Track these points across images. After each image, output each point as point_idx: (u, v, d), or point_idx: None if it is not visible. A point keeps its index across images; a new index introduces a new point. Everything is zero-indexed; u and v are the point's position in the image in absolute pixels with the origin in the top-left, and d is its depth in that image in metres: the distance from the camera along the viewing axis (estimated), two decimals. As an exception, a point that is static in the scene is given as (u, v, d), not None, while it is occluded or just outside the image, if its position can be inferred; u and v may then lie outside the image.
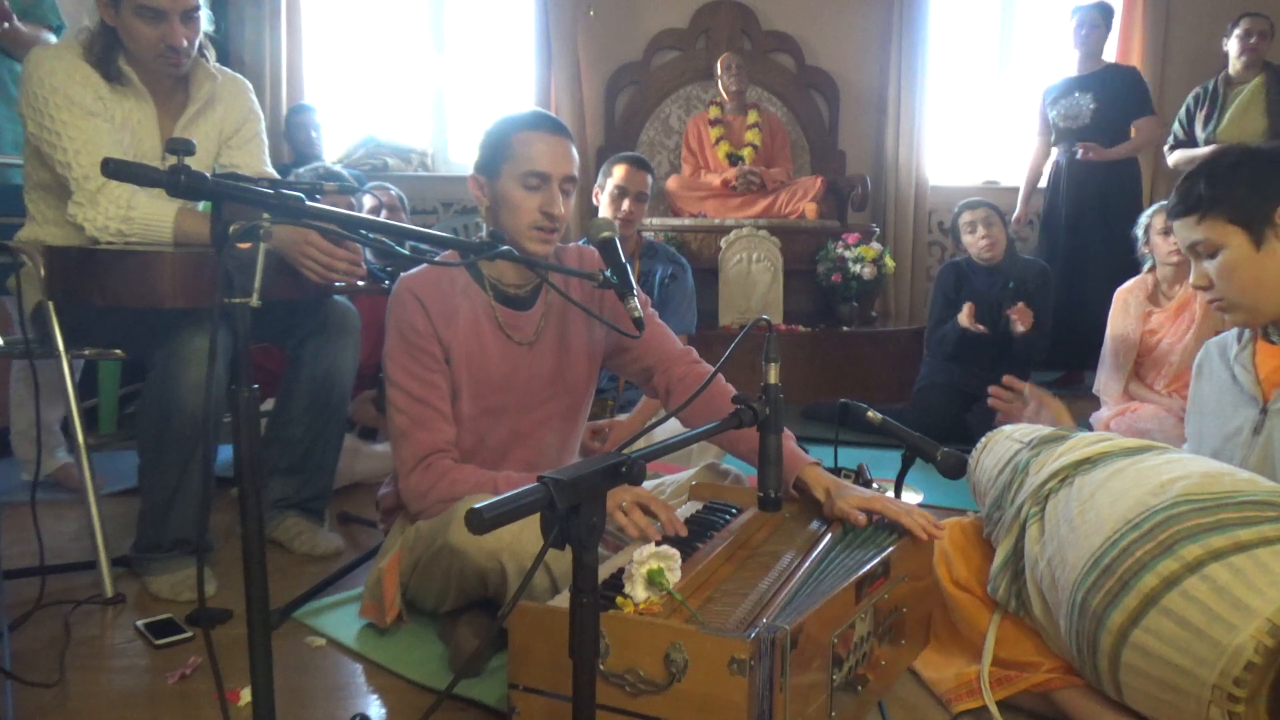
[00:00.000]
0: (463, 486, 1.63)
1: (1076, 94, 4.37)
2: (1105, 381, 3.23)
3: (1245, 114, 4.13)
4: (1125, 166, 4.44)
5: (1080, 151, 4.30)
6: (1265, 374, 1.53)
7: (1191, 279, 1.56)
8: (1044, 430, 1.62)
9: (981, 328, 3.34)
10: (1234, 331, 1.64)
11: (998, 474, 1.60)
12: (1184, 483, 1.29)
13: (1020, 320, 3.29)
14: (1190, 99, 4.34)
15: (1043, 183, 4.64)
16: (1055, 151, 4.48)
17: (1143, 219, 3.18)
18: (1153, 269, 3.18)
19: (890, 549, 1.45)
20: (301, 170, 3.17)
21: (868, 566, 1.37)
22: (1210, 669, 1.14)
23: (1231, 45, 4.17)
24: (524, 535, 1.49)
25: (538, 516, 1.47)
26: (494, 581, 1.56)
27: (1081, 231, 4.40)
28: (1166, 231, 3.05)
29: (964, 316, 3.36)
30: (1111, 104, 4.32)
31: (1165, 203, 3.23)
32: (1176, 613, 1.18)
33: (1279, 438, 1.47)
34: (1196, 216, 1.50)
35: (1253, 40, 4.10)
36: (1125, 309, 3.18)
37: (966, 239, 3.54)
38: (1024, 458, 1.56)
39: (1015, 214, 4.66)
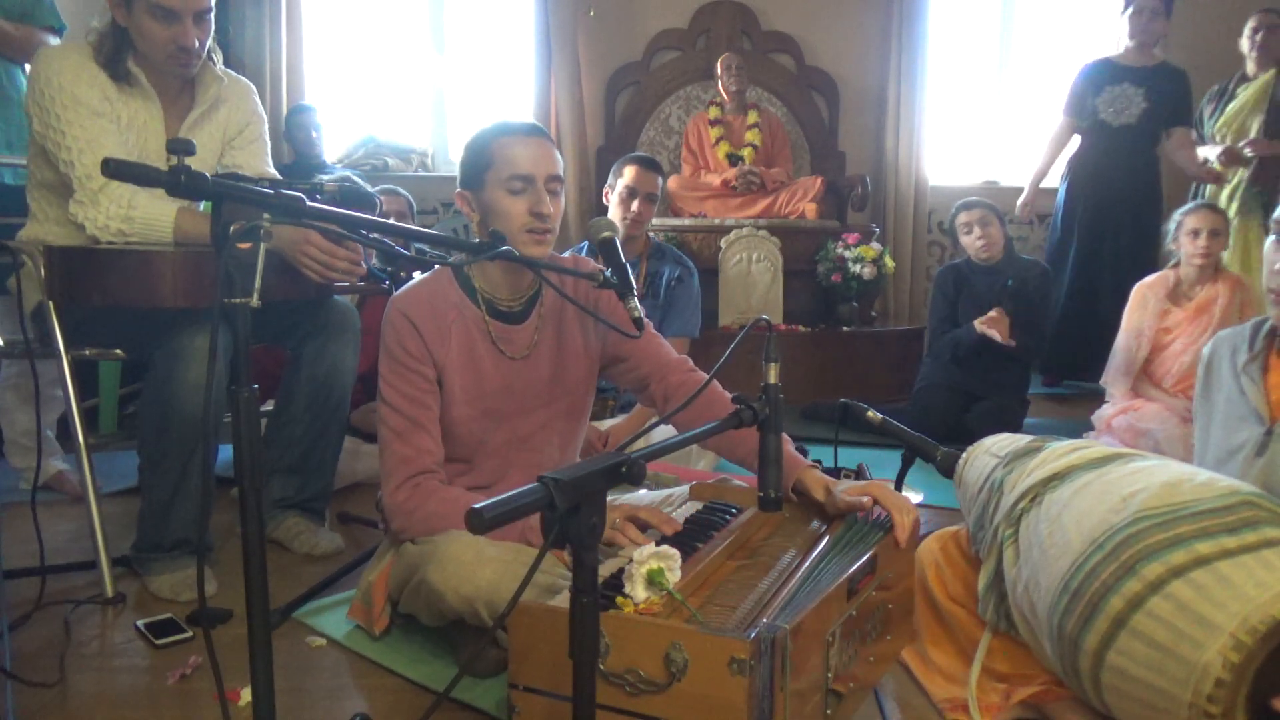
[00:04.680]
0: (449, 505, 1.62)
1: (1127, 85, 4.10)
2: (1114, 375, 3.22)
3: (1243, 109, 4.01)
4: (1149, 170, 4.22)
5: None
6: (1279, 396, 1.45)
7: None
8: (1019, 443, 1.58)
9: (1014, 342, 3.28)
10: (1245, 333, 1.55)
11: (977, 491, 1.58)
12: (1143, 496, 1.26)
13: (995, 330, 3.25)
14: (1205, 98, 4.18)
15: (1050, 181, 4.42)
16: (1076, 140, 4.22)
17: (1176, 215, 3.16)
18: (1176, 266, 3.17)
19: (876, 546, 1.46)
20: (327, 178, 3.18)
21: (857, 564, 1.38)
22: (1184, 688, 1.12)
23: (1244, 43, 4.03)
24: (502, 584, 1.48)
25: (515, 564, 1.50)
26: (472, 623, 1.55)
27: (1099, 234, 4.21)
28: (1196, 232, 3.04)
29: (989, 329, 3.29)
30: (1161, 106, 4.10)
31: (1200, 202, 3.25)
32: (1145, 634, 1.16)
33: None
34: None
35: (1259, 36, 3.97)
36: (1143, 304, 3.17)
37: (964, 240, 3.54)
38: (999, 476, 1.53)
39: (1022, 199, 4.39)
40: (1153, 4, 4.04)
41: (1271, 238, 1.44)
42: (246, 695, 1.50)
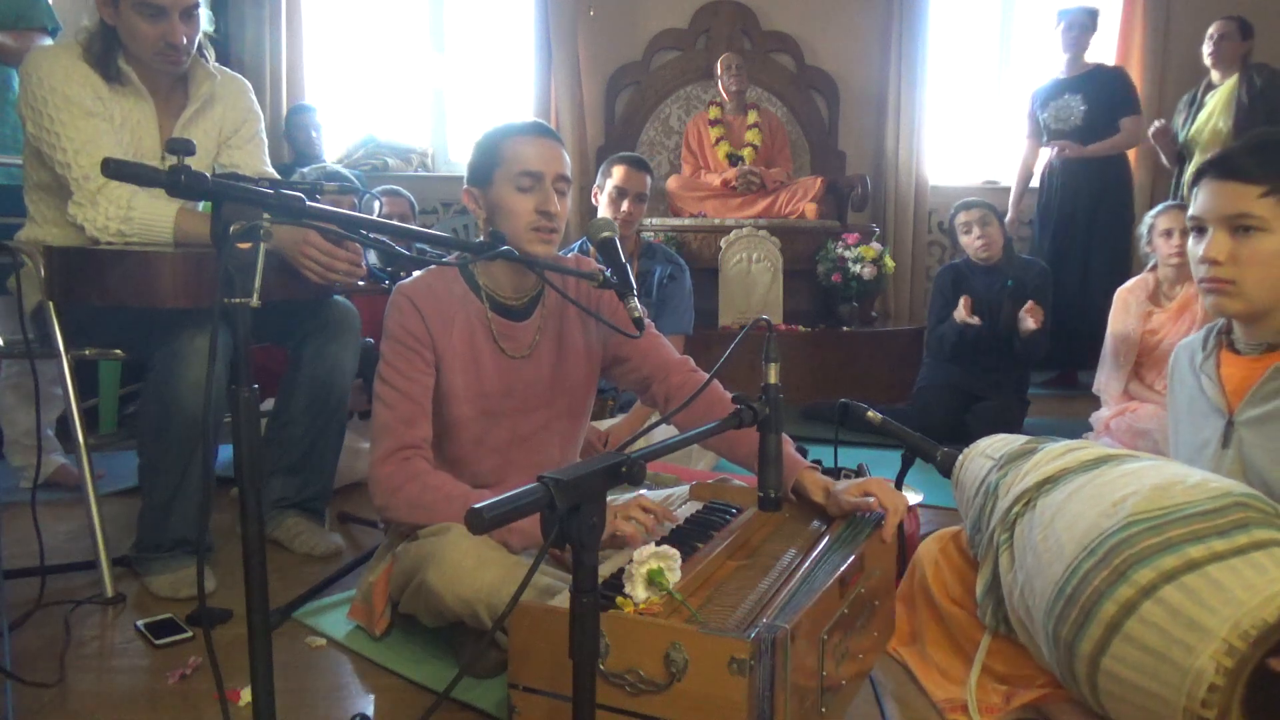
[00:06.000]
0: (431, 495, 1.62)
1: (1067, 96, 4.47)
2: (1105, 381, 3.23)
3: (1213, 115, 4.21)
4: (1115, 166, 4.51)
5: (1057, 150, 4.44)
6: (1232, 386, 1.47)
7: (1207, 249, 1.38)
8: (1014, 444, 1.58)
9: (976, 320, 3.34)
10: (1200, 337, 1.58)
11: (974, 494, 1.58)
12: (1134, 499, 1.26)
13: (1031, 317, 3.26)
14: (1178, 106, 4.46)
15: (1035, 183, 4.72)
16: (1047, 152, 4.57)
17: (1147, 219, 3.19)
18: (1154, 269, 3.18)
19: (863, 543, 1.47)
20: (306, 170, 3.17)
21: (847, 562, 1.39)
22: (1178, 692, 1.12)
23: (1204, 48, 4.27)
24: (503, 587, 1.48)
25: (515, 567, 1.50)
26: (472, 625, 1.55)
27: (1073, 231, 4.49)
28: (1169, 233, 3.06)
29: (959, 311, 3.36)
30: (1101, 105, 4.42)
31: (1170, 203, 3.27)
32: (1138, 639, 1.16)
33: (1250, 451, 1.42)
34: (1262, 189, 1.32)
35: (1215, 40, 4.20)
36: (1126, 309, 3.18)
37: (963, 239, 3.54)
38: (993, 479, 1.53)
39: (1007, 217, 4.72)
40: (1081, 20, 4.41)
41: (1193, 234, 1.48)
42: (246, 695, 1.50)
